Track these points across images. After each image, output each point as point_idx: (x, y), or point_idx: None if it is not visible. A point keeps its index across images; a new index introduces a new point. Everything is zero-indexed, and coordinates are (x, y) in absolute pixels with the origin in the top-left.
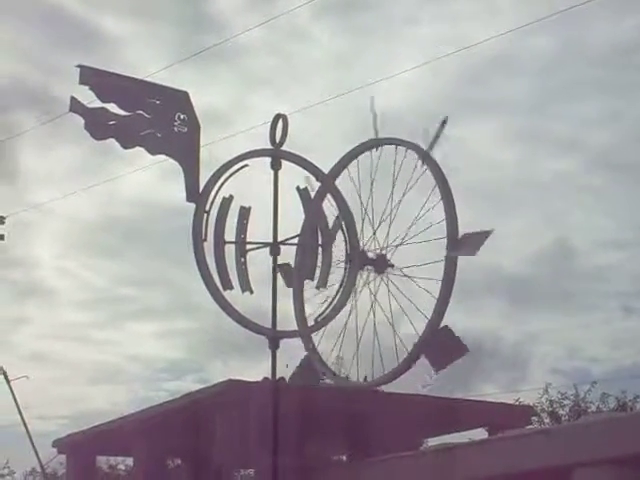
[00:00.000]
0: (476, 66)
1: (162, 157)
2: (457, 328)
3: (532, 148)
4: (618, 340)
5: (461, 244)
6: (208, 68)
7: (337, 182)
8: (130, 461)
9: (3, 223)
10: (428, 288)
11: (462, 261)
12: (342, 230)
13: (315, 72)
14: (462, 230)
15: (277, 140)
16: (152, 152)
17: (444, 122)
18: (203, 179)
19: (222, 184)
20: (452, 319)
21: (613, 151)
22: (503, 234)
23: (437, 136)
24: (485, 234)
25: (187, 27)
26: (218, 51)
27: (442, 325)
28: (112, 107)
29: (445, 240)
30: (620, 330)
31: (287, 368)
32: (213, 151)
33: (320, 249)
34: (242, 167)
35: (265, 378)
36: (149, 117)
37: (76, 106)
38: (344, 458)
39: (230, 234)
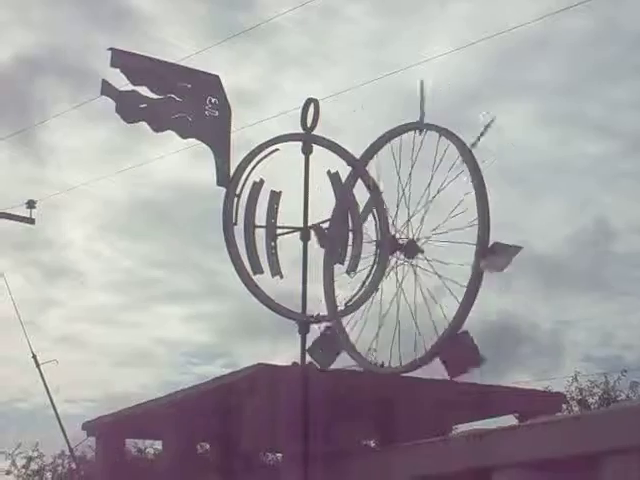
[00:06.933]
0: (511, 47)
1: (193, 140)
2: (489, 312)
3: (567, 131)
4: None
5: (490, 255)
6: (240, 48)
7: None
8: (158, 445)
9: (34, 207)
10: (459, 272)
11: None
12: (373, 215)
13: (349, 52)
14: (493, 211)
15: (308, 124)
16: (183, 136)
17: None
18: (234, 163)
19: (253, 168)
20: (484, 303)
21: None
22: (537, 218)
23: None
24: (514, 250)
25: (220, 5)
26: (250, 30)
27: (462, 330)
28: (143, 90)
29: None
30: None
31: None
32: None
33: (351, 234)
34: (273, 151)
35: (294, 363)
36: (180, 101)
37: (107, 89)
38: (373, 443)
39: (260, 218)
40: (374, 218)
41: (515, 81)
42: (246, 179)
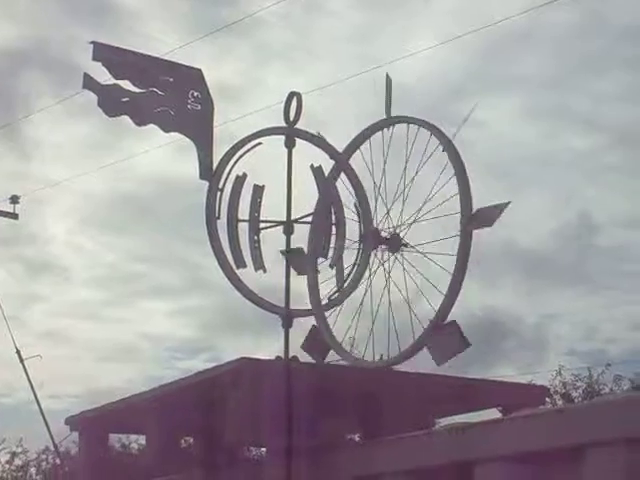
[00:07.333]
0: (496, 41)
1: (176, 134)
2: (473, 306)
3: (553, 125)
4: (636, 321)
5: (476, 217)
6: (223, 42)
7: (351, 161)
8: (142, 440)
9: (18, 202)
10: (444, 265)
11: (479, 238)
12: (356, 209)
13: (332, 47)
14: (477, 205)
15: (291, 118)
16: (165, 129)
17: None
18: (217, 157)
19: (235, 162)
20: (468, 297)
21: (634, 128)
22: (522, 212)
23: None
24: (501, 207)
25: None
26: (233, 25)
27: (449, 320)
28: (125, 84)
29: (459, 216)
30: (638, 311)
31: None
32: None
33: (334, 228)
34: (256, 145)
35: (278, 357)
36: (162, 94)
37: (89, 83)
38: (356, 437)
39: (244, 212)
40: (357, 212)
41: (501, 75)
42: (229, 173)
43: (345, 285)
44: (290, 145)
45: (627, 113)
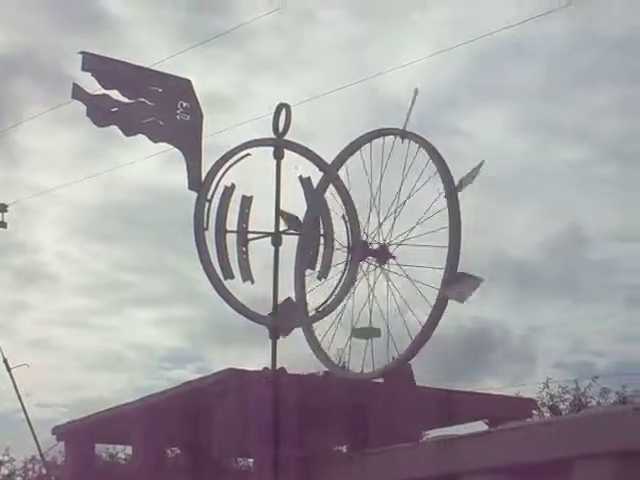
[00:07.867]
0: (487, 53)
1: (165, 145)
2: (461, 317)
3: (543, 137)
4: (624, 334)
5: (453, 284)
6: (213, 52)
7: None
8: (129, 450)
9: (6, 211)
10: (431, 276)
11: (467, 250)
12: (344, 221)
13: (325, 57)
14: (466, 215)
15: (280, 129)
16: (154, 140)
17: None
18: (205, 167)
19: (224, 173)
20: (456, 308)
21: (625, 140)
22: (512, 223)
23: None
24: (477, 281)
25: (194, 10)
26: (225, 35)
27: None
28: (114, 94)
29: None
30: (627, 324)
31: None
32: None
33: (322, 239)
34: (244, 156)
35: (265, 368)
36: (151, 105)
37: (78, 93)
38: (344, 449)
39: (232, 223)
40: (345, 223)
41: (492, 86)
42: (217, 184)
43: (333, 297)
44: (279, 156)
45: (618, 125)
